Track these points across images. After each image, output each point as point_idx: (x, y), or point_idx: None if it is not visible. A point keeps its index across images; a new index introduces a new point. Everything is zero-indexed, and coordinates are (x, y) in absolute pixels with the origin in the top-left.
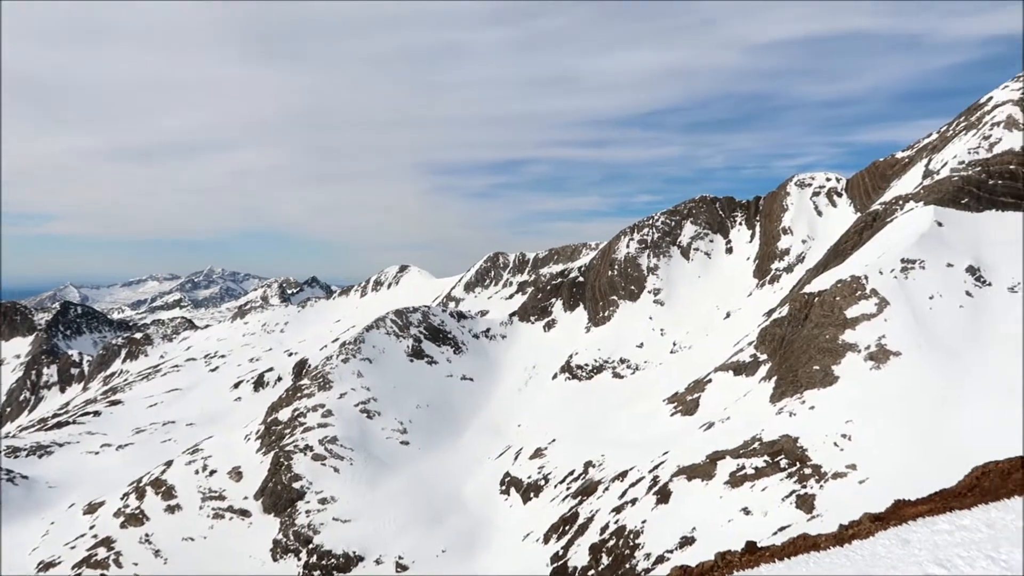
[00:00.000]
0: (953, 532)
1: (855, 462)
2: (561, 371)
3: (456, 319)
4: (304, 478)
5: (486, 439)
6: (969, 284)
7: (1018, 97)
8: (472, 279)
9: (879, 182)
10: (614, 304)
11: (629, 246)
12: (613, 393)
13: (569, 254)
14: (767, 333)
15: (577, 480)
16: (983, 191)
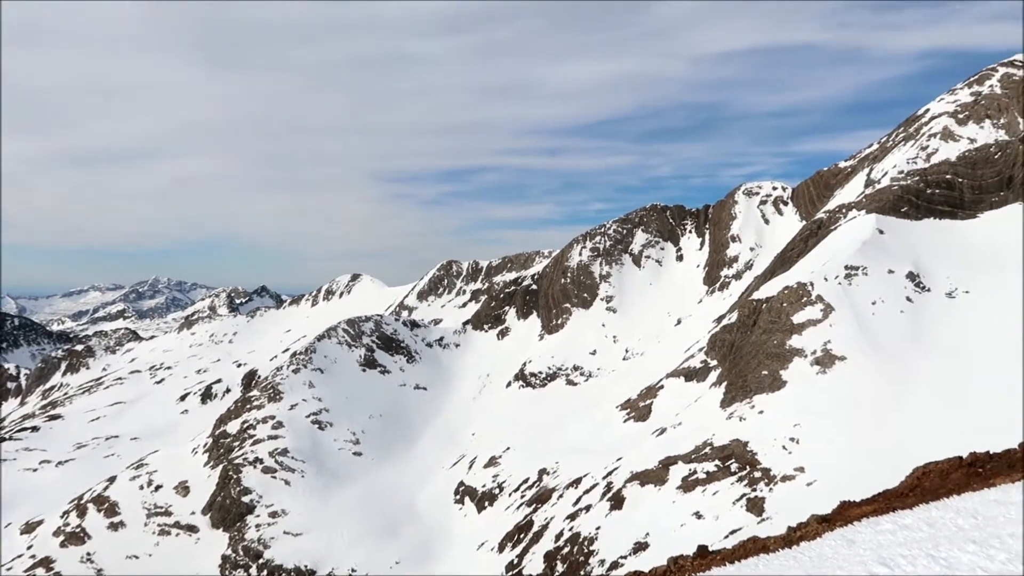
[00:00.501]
0: (896, 532)
1: (803, 465)
2: (515, 379)
3: (409, 328)
4: (254, 491)
5: (440, 448)
6: (909, 290)
7: (953, 110)
8: (425, 287)
9: (823, 191)
10: (567, 312)
11: (582, 254)
12: (567, 400)
13: (522, 262)
14: (717, 339)
15: (531, 488)
16: (921, 200)
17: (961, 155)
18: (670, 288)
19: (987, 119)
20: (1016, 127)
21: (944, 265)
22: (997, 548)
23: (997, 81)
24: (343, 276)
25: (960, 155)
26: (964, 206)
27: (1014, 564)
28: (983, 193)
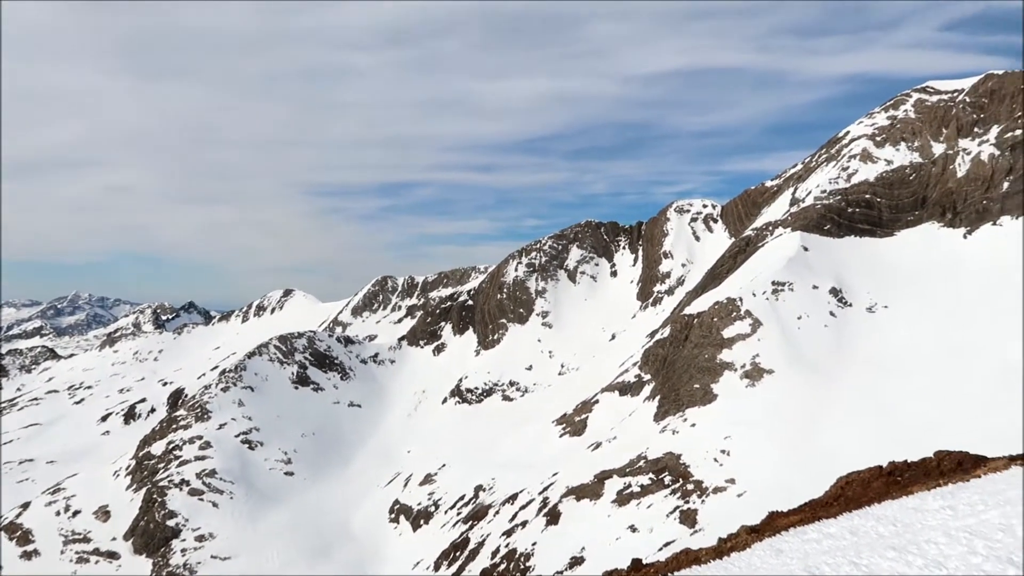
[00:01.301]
0: (821, 540)
1: (734, 476)
2: (451, 395)
3: (343, 344)
4: (179, 515)
5: (375, 466)
6: (832, 305)
7: (871, 132)
8: (360, 303)
9: (751, 209)
10: (503, 327)
11: (517, 270)
12: (503, 416)
13: (458, 278)
14: (650, 354)
15: (467, 505)
16: (843, 218)
17: (879, 176)
18: (605, 303)
19: (903, 142)
20: (929, 150)
21: (864, 281)
22: (915, 554)
23: (911, 106)
24: (275, 291)
25: (878, 176)
26: (882, 224)
27: (930, 569)
28: (900, 212)
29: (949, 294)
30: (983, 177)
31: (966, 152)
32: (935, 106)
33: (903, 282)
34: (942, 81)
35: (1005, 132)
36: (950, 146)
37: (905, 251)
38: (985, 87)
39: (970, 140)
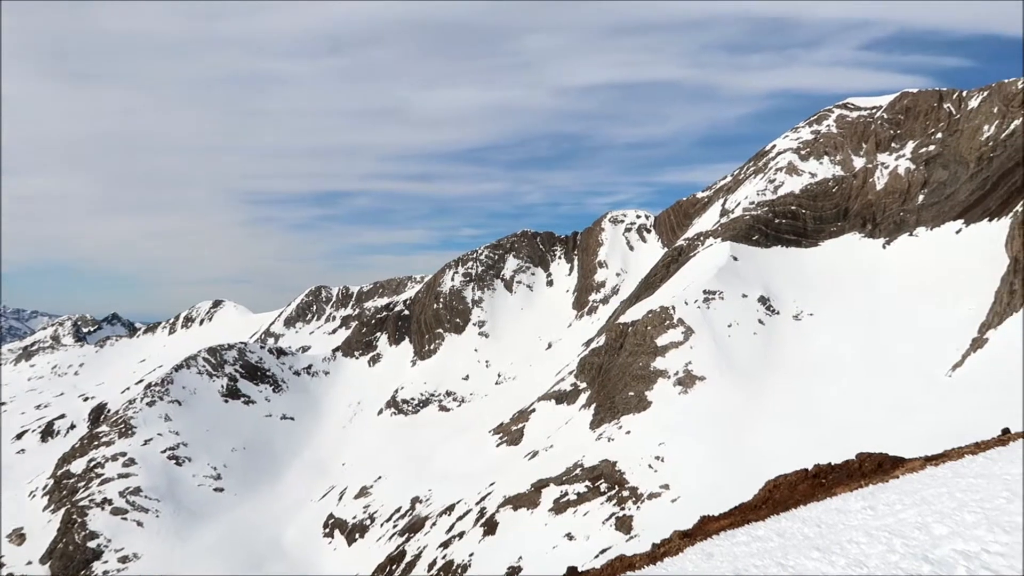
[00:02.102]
0: (750, 543)
1: (668, 482)
2: (387, 406)
3: (276, 356)
4: (101, 535)
5: (309, 480)
6: (761, 313)
7: (796, 146)
8: (293, 314)
9: (683, 219)
10: (440, 337)
11: (454, 279)
12: (440, 426)
13: (394, 287)
14: (586, 362)
15: (404, 517)
16: (770, 229)
17: (804, 188)
18: (541, 313)
19: (825, 156)
20: (850, 164)
21: (791, 289)
22: (838, 554)
23: (833, 121)
24: (204, 302)
25: (803, 188)
26: (807, 235)
27: (852, 569)
28: (823, 223)
29: (870, 302)
30: (900, 190)
31: (884, 166)
32: (855, 122)
33: (827, 290)
34: (861, 98)
35: (920, 147)
36: (869, 160)
37: (829, 260)
38: (901, 104)
39: (888, 154)
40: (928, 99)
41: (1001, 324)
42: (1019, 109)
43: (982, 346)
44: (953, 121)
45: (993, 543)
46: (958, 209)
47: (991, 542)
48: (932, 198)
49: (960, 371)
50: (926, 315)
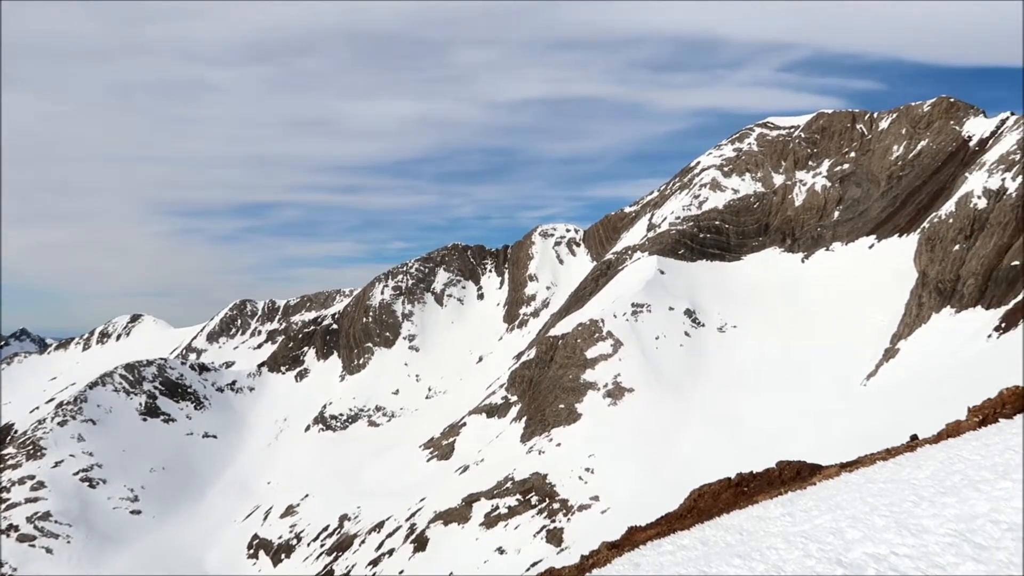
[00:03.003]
0: (675, 552)
1: (598, 493)
2: (314, 422)
3: (197, 372)
4: (7, 564)
5: (232, 500)
6: (687, 325)
7: (719, 163)
8: (216, 328)
9: (611, 233)
10: (369, 351)
11: (384, 292)
12: (369, 442)
13: (322, 301)
14: (517, 375)
15: (332, 535)
16: (695, 243)
17: (727, 204)
18: (472, 326)
19: (747, 172)
20: (771, 180)
21: (715, 302)
22: (757, 560)
23: (754, 140)
24: (121, 316)
25: (726, 204)
26: (730, 249)
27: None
28: (746, 238)
29: (790, 314)
30: (817, 206)
31: (802, 183)
32: (775, 140)
33: (750, 303)
34: (781, 117)
35: (835, 166)
36: (788, 177)
37: (751, 274)
38: (817, 124)
39: (805, 172)
40: (842, 120)
41: (911, 335)
42: (925, 131)
43: (894, 356)
44: (865, 141)
45: (901, 545)
46: (871, 225)
47: (899, 544)
48: (847, 214)
49: (874, 380)
50: (842, 326)
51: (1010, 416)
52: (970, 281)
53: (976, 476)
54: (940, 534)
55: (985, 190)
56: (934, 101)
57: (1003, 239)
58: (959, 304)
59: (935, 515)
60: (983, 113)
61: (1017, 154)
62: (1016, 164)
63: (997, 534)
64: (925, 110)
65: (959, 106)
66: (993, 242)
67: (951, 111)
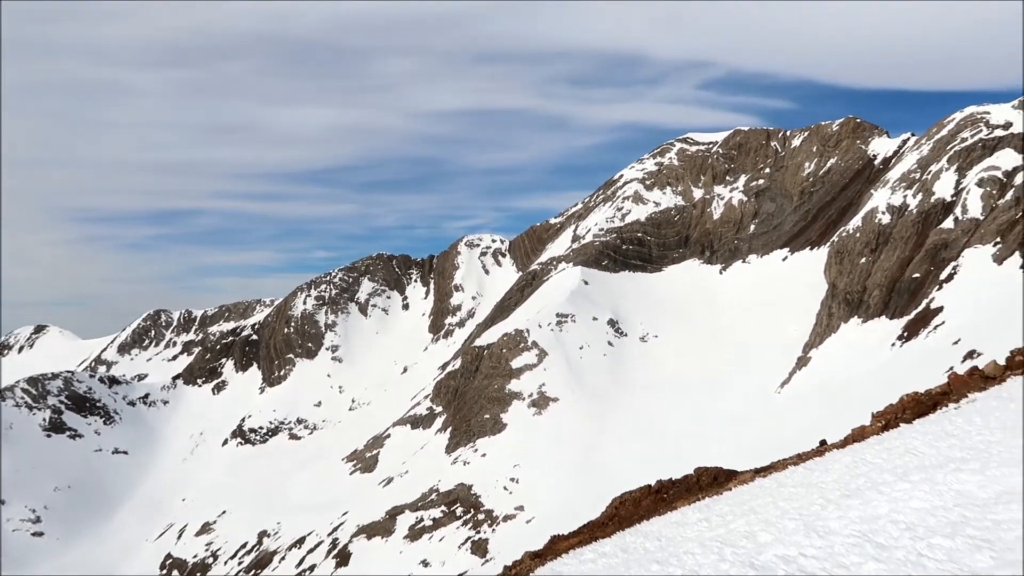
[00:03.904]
0: (596, 560)
1: (523, 503)
2: (233, 436)
3: (107, 385)
4: None
5: (144, 519)
6: (610, 335)
7: (641, 176)
8: (128, 339)
9: (536, 244)
10: (290, 362)
11: (306, 303)
12: (290, 455)
13: (242, 311)
14: (442, 386)
15: (251, 553)
16: (618, 254)
17: (649, 216)
18: (397, 336)
19: (668, 186)
20: (690, 194)
21: (638, 312)
22: (675, 566)
23: (675, 154)
24: (24, 328)
25: (648, 216)
26: (652, 260)
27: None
28: (667, 249)
29: (709, 324)
30: (734, 220)
31: (720, 197)
32: (694, 155)
33: (671, 313)
34: (700, 133)
35: (751, 181)
36: (707, 191)
37: (672, 285)
38: (734, 141)
39: (723, 187)
40: (757, 137)
41: (821, 344)
42: (834, 149)
43: (806, 364)
44: (779, 158)
45: (809, 547)
46: (784, 238)
47: (807, 546)
48: (762, 228)
49: (787, 387)
50: (758, 336)
51: (910, 421)
52: (875, 292)
53: (878, 479)
54: (845, 535)
55: (889, 206)
56: (842, 121)
57: (905, 252)
58: (865, 314)
59: (840, 517)
60: (887, 133)
61: (917, 172)
62: (916, 182)
63: (896, 533)
64: (834, 129)
65: (865, 126)
66: (896, 255)
67: (858, 131)
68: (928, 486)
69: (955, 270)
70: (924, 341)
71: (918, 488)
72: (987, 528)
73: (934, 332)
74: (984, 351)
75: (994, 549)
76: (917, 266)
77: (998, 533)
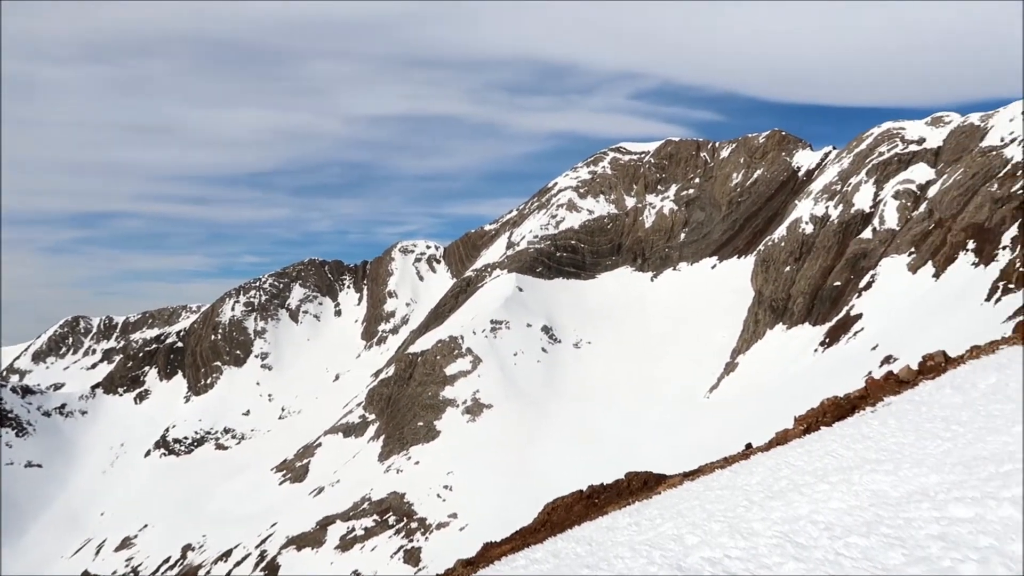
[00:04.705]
0: (528, 566)
1: (456, 511)
2: (156, 447)
3: (20, 395)
4: None
5: (59, 535)
6: (544, 341)
7: (575, 185)
8: (44, 347)
9: (471, 251)
10: (218, 370)
11: (235, 309)
12: (217, 466)
13: (166, 317)
14: (375, 393)
15: (174, 567)
16: (552, 261)
17: (582, 224)
18: (329, 343)
19: (601, 195)
20: (623, 202)
21: (571, 319)
22: (605, 570)
23: (608, 163)
24: None
25: (582, 224)
26: (585, 268)
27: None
28: (600, 257)
29: (641, 330)
30: (665, 228)
31: (652, 206)
32: (627, 165)
33: (603, 320)
34: (632, 143)
35: (681, 190)
36: (639, 200)
37: (605, 292)
38: (665, 151)
39: (655, 196)
40: (688, 148)
41: (748, 350)
42: (760, 161)
43: (734, 369)
44: (708, 168)
45: (733, 548)
46: (713, 247)
47: (732, 548)
48: (692, 236)
49: (716, 392)
50: (688, 342)
51: (830, 424)
52: (799, 300)
53: (800, 480)
54: (768, 536)
55: (812, 217)
56: (768, 134)
57: (827, 261)
58: (790, 321)
59: (764, 518)
60: (810, 146)
61: (838, 184)
62: (837, 194)
63: (816, 533)
64: (760, 141)
65: (789, 139)
66: (819, 264)
67: (783, 143)
68: (846, 487)
69: (873, 278)
70: (845, 347)
71: (836, 489)
72: (899, 526)
73: (854, 338)
74: (900, 356)
75: (905, 546)
76: (838, 274)
77: (909, 531)
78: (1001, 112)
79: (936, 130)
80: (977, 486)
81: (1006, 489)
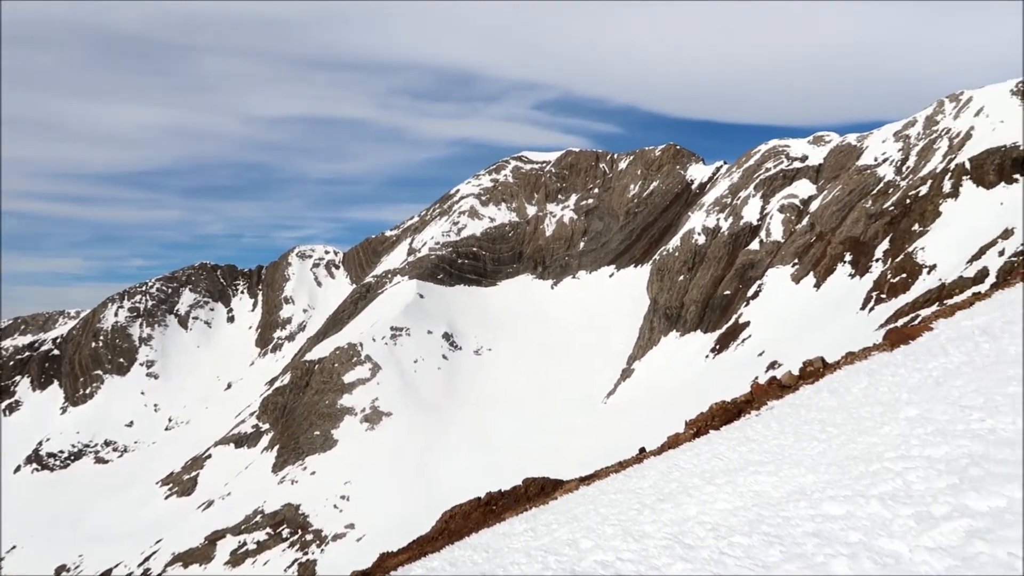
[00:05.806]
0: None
1: (353, 521)
2: (27, 462)
3: None
4: None
5: None
6: (445, 348)
7: (478, 192)
8: None
9: (371, 256)
10: (98, 379)
11: (118, 314)
12: (96, 481)
13: (41, 323)
14: (270, 402)
15: None
16: (454, 268)
17: (484, 231)
18: (221, 351)
19: (503, 202)
20: (524, 211)
21: (473, 326)
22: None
23: (510, 172)
24: None
25: (483, 231)
26: (487, 275)
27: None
28: (501, 264)
29: (541, 337)
30: (565, 237)
31: (552, 215)
32: (529, 173)
33: (504, 327)
34: (534, 152)
35: (581, 200)
36: (540, 209)
37: (506, 299)
38: (566, 161)
39: (555, 205)
40: (587, 158)
41: (644, 356)
42: (656, 173)
43: (630, 375)
44: (607, 179)
45: (625, 551)
46: (611, 256)
47: (624, 550)
48: (591, 245)
49: (613, 398)
50: (587, 348)
51: (718, 428)
52: (692, 308)
53: (689, 483)
54: (658, 538)
55: (704, 228)
56: (664, 147)
57: (718, 271)
58: (683, 328)
59: (654, 521)
60: (703, 160)
61: (728, 198)
62: (728, 207)
63: (702, 534)
64: (656, 154)
65: (684, 153)
66: (710, 273)
67: (677, 157)
68: (731, 488)
69: (760, 288)
70: (734, 353)
71: (722, 490)
72: (779, 525)
73: (742, 345)
74: (784, 362)
75: (783, 544)
76: (728, 284)
77: (787, 529)
78: (875, 133)
79: (817, 148)
80: (849, 484)
81: (874, 487)
